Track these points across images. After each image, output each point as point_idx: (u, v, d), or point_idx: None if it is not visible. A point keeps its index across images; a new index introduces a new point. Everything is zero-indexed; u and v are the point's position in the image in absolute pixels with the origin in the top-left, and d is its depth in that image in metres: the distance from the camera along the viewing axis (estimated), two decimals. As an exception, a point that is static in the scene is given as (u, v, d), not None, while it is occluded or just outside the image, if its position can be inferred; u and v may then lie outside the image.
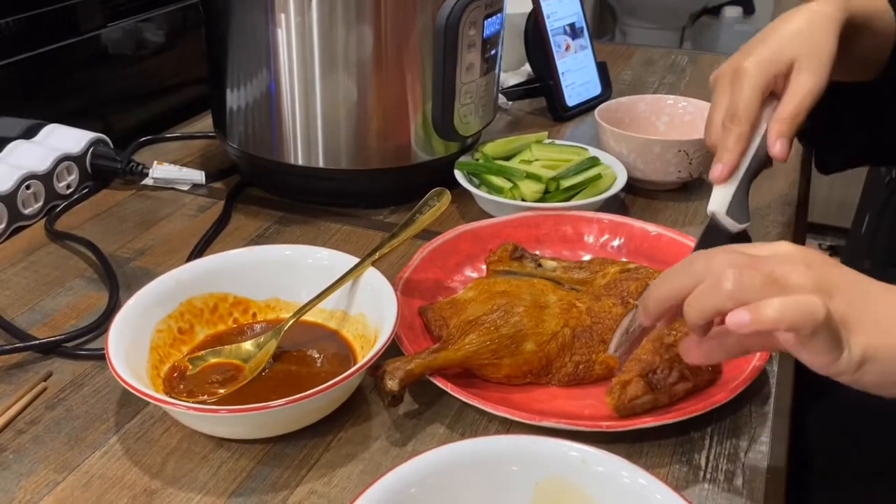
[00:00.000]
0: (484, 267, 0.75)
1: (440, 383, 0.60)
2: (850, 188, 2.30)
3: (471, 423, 0.60)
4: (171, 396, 0.60)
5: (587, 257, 0.78)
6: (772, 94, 0.66)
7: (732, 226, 0.65)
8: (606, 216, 0.81)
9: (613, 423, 0.57)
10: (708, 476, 0.56)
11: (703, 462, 0.57)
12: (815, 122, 0.70)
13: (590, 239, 0.80)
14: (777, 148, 0.65)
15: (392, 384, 0.58)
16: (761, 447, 0.58)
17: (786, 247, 0.51)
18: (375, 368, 0.59)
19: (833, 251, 2.49)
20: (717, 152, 0.67)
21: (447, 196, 0.73)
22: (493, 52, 0.87)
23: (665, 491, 0.43)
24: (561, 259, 0.74)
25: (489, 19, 0.84)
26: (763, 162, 0.67)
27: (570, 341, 0.63)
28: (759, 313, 0.45)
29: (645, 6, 2.79)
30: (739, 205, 0.66)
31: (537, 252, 0.76)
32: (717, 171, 0.66)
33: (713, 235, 0.66)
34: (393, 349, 0.62)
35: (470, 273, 0.77)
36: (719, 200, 0.66)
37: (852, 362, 0.47)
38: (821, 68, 0.65)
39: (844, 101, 0.75)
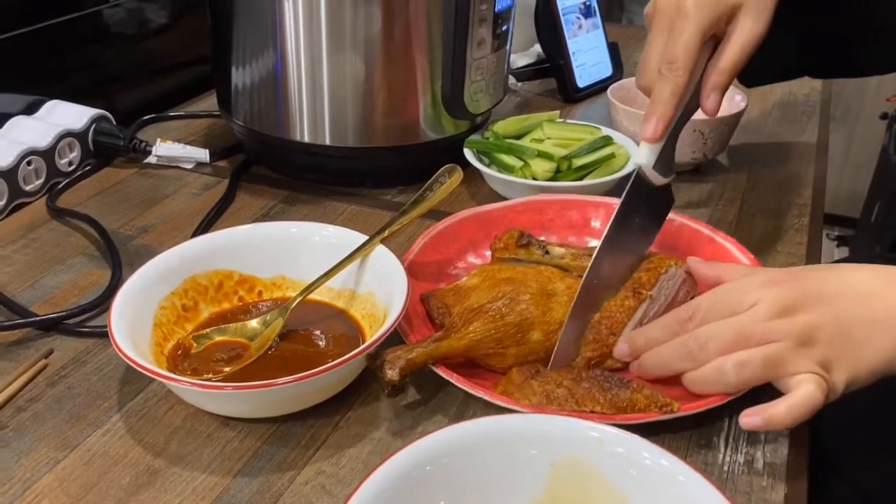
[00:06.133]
0: (488, 253, 0.73)
1: (444, 373, 0.58)
2: (860, 178, 2.28)
3: (481, 409, 0.58)
4: (175, 374, 0.58)
5: (594, 243, 0.76)
6: (711, 37, 0.63)
7: (658, 179, 0.66)
8: (615, 200, 0.78)
9: (627, 417, 0.54)
10: (728, 458, 0.54)
11: (721, 444, 0.55)
12: None
13: (597, 224, 0.78)
14: (711, 101, 0.63)
15: (392, 374, 0.55)
16: (782, 430, 0.57)
17: (759, 291, 0.54)
18: (374, 357, 0.57)
19: (842, 241, 2.46)
20: (650, 103, 0.63)
21: (459, 172, 0.71)
22: (504, 27, 0.85)
23: (689, 472, 0.41)
24: (568, 245, 0.72)
25: (501, -6, 0.82)
26: (691, 111, 0.65)
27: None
28: (771, 420, 0.51)
29: (652, -7, 2.75)
30: (666, 159, 0.65)
31: (543, 238, 0.74)
32: (650, 128, 0.62)
33: (639, 188, 0.65)
34: (395, 337, 0.60)
35: (473, 259, 0.74)
36: (646, 154, 0.64)
37: (837, 395, 0.52)
38: (765, 13, 0.61)
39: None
